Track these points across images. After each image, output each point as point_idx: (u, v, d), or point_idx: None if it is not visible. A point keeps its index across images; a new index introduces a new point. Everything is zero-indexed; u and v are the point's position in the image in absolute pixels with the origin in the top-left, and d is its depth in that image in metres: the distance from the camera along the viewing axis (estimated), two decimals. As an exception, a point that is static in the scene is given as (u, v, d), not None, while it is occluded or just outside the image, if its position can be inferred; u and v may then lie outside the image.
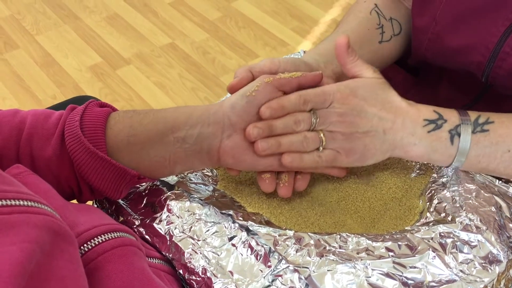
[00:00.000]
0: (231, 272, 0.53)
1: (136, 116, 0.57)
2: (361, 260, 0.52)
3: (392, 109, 0.60)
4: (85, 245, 0.46)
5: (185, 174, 0.65)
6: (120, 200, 0.63)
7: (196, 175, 0.66)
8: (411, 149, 0.61)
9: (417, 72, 0.90)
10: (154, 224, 0.59)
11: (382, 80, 0.62)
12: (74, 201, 0.59)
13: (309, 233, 0.55)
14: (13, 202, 0.35)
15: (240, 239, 0.55)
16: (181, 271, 0.55)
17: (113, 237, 0.48)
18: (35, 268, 0.34)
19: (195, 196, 0.61)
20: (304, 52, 0.84)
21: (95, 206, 0.64)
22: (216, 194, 0.62)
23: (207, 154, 0.59)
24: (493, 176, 0.64)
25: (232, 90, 0.61)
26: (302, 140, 0.59)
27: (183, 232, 0.57)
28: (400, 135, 0.60)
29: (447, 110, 0.61)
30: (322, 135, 0.59)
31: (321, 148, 0.60)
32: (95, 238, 0.46)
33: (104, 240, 0.47)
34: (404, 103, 0.61)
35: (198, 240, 0.56)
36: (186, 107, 0.60)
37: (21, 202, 0.36)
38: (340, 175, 0.66)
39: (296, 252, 0.53)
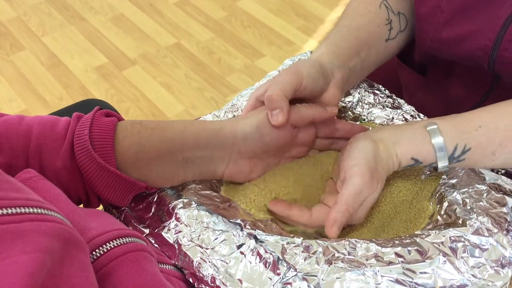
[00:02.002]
0: (240, 280, 0.53)
1: (143, 132, 0.58)
2: (371, 266, 0.52)
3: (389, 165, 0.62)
4: (96, 250, 0.45)
5: (192, 181, 0.65)
6: (128, 209, 0.63)
7: (203, 182, 0.65)
8: None
9: (425, 70, 0.89)
10: (163, 233, 0.59)
11: (371, 141, 0.61)
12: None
13: (317, 240, 0.55)
14: (23, 210, 0.35)
15: (249, 247, 0.55)
16: (191, 280, 0.55)
17: (125, 242, 0.47)
18: (46, 277, 0.34)
19: (203, 204, 0.60)
20: (311, 52, 0.83)
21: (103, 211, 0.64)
22: (223, 202, 0.62)
23: (212, 174, 0.62)
24: (505, 175, 0.64)
25: (284, 124, 0.59)
26: None
27: (191, 241, 0.57)
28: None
29: (424, 150, 0.61)
30: None
31: None
32: (107, 244, 0.46)
33: (115, 245, 0.46)
34: (390, 160, 0.61)
35: (207, 249, 0.56)
36: (194, 126, 0.60)
37: (31, 210, 0.36)
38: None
39: (305, 260, 0.52)
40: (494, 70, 0.68)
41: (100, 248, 0.46)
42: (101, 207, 0.65)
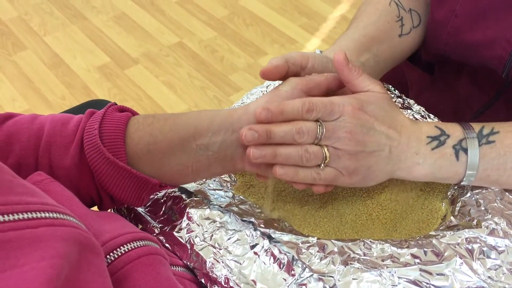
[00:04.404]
0: (254, 281, 0.52)
1: (156, 123, 0.56)
2: (387, 267, 0.51)
3: (398, 127, 0.57)
4: (111, 254, 0.45)
5: (204, 180, 0.64)
6: (139, 208, 0.62)
7: (214, 181, 0.65)
8: (415, 169, 0.58)
9: (432, 69, 0.89)
10: (174, 233, 0.58)
11: (389, 95, 0.59)
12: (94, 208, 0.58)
13: (332, 240, 0.54)
14: (39, 215, 0.35)
15: (262, 247, 0.54)
16: (203, 280, 0.54)
17: (139, 245, 0.47)
18: (63, 283, 0.33)
19: (215, 203, 0.60)
20: (321, 52, 0.82)
21: (115, 213, 0.63)
22: (235, 201, 0.61)
23: (231, 162, 0.57)
24: None
25: (265, 75, 0.58)
26: (302, 154, 0.54)
27: (204, 241, 0.56)
28: (404, 155, 0.57)
29: (449, 124, 0.59)
30: (326, 150, 0.54)
31: (322, 165, 0.55)
32: (121, 247, 0.46)
33: (130, 249, 0.46)
34: (408, 120, 0.58)
35: (220, 249, 0.55)
36: (208, 111, 0.58)
37: (47, 214, 0.35)
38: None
39: (320, 260, 0.52)
40: (508, 77, 0.68)
41: (114, 251, 0.45)
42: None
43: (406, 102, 0.77)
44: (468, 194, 0.61)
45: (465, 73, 0.80)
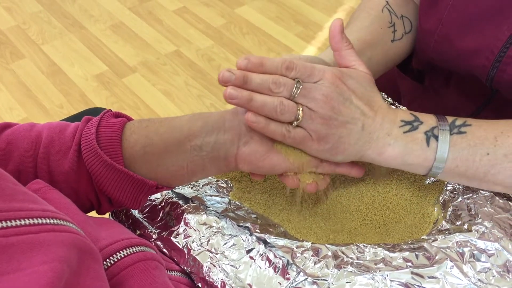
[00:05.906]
0: (249, 285, 0.53)
1: (151, 126, 0.57)
2: (379, 271, 0.52)
3: (374, 107, 0.58)
4: (107, 260, 0.46)
5: (201, 186, 0.66)
6: (136, 214, 0.63)
7: (211, 187, 0.66)
8: (386, 150, 0.58)
9: (423, 78, 0.90)
10: (172, 238, 0.59)
11: (372, 77, 0.61)
12: (94, 214, 0.59)
13: (326, 245, 0.55)
14: (40, 221, 0.36)
15: (258, 251, 0.56)
16: (200, 285, 0.55)
17: (135, 251, 0.48)
18: (64, 287, 0.34)
19: (211, 209, 0.61)
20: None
21: (112, 219, 0.64)
22: (232, 207, 0.63)
23: (224, 161, 0.59)
24: None
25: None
26: (277, 104, 0.54)
27: (201, 246, 0.57)
28: (376, 134, 0.58)
29: (424, 114, 0.60)
30: (300, 109, 0.55)
31: (294, 123, 0.55)
32: (117, 253, 0.47)
33: (126, 254, 0.47)
34: (385, 104, 0.60)
35: (216, 253, 0.56)
36: (201, 114, 0.59)
37: (48, 221, 0.36)
38: (358, 175, 0.63)
39: (315, 264, 0.53)
40: (492, 86, 0.69)
41: (111, 257, 0.46)
42: (108, 215, 0.66)
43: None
44: (459, 199, 0.62)
45: (453, 82, 0.81)
